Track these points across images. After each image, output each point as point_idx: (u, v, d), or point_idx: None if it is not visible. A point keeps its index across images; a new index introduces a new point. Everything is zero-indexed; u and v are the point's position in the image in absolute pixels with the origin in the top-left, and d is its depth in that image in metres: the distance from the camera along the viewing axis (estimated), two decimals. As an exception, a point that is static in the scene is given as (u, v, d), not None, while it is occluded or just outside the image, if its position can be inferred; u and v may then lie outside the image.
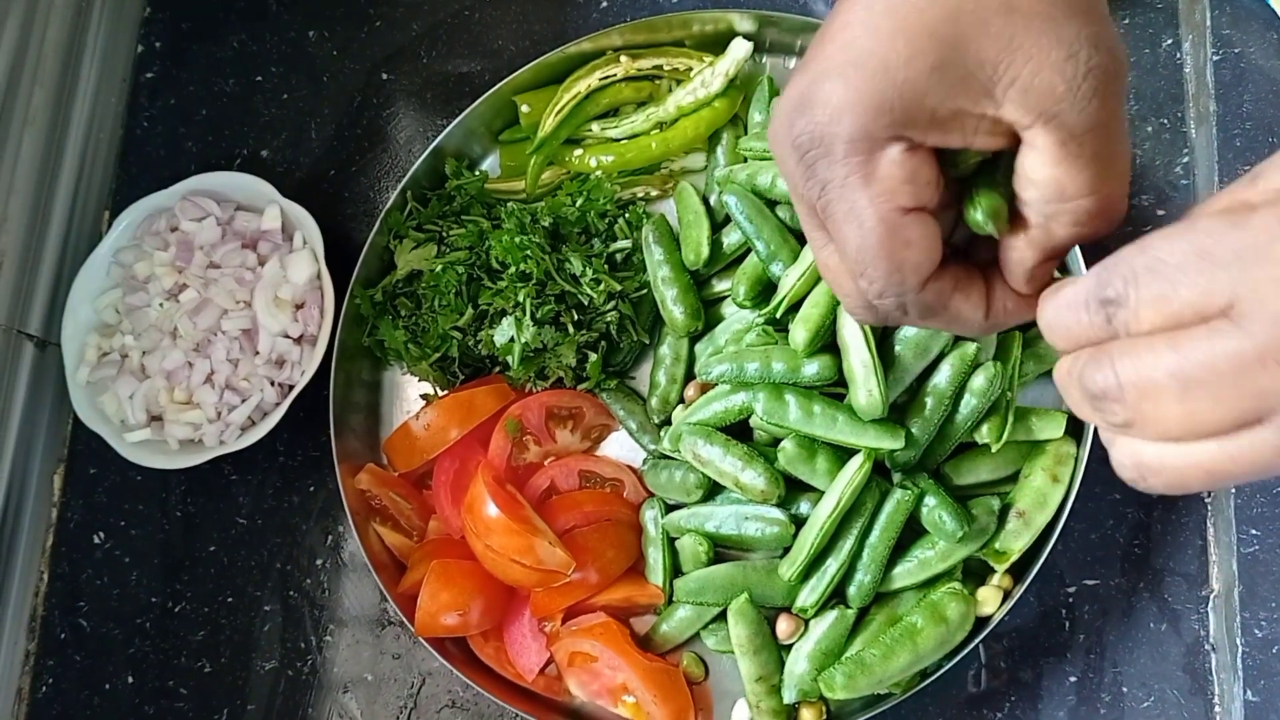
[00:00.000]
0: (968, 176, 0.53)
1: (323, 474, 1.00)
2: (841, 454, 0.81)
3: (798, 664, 0.82)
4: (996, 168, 0.53)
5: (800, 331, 0.80)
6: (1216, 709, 0.83)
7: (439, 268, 0.94)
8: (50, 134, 1.06)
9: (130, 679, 0.99)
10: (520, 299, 0.90)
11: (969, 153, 0.51)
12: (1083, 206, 0.48)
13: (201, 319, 0.98)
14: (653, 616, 0.90)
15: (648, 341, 0.95)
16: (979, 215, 0.52)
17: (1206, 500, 0.87)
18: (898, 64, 0.47)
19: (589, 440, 0.96)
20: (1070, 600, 0.87)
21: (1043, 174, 0.48)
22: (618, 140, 0.99)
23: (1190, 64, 0.95)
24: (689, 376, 0.92)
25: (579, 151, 0.99)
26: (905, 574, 0.82)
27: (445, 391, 0.97)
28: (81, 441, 1.06)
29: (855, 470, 0.79)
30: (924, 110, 0.48)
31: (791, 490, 0.83)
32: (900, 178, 0.49)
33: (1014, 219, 0.52)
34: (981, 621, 0.81)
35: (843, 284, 0.54)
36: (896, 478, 0.82)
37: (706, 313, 0.92)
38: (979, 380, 0.79)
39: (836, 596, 0.83)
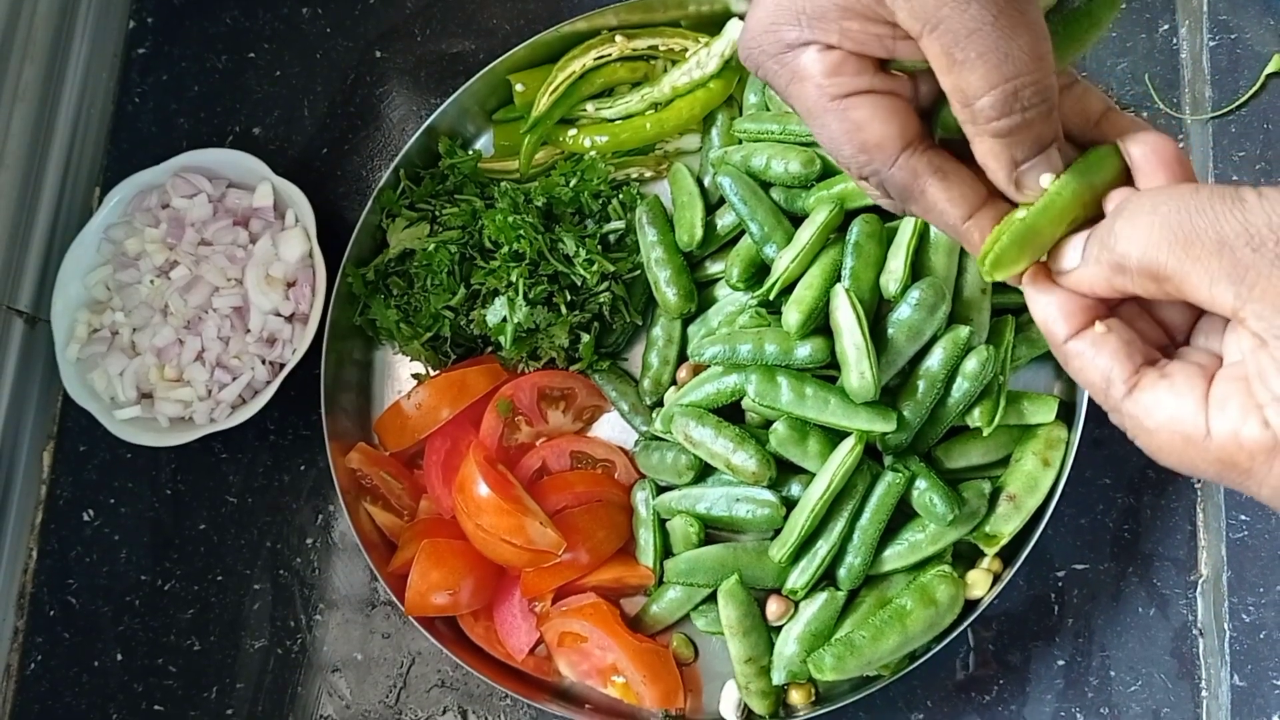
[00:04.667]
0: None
1: (313, 453, 1.00)
2: (833, 436, 0.81)
3: (787, 645, 0.82)
4: None
5: (793, 313, 0.80)
6: (1204, 693, 0.84)
7: (431, 247, 0.93)
8: (41, 109, 1.05)
9: (119, 656, 0.99)
10: (513, 279, 0.90)
11: (900, 61, 0.52)
12: (985, 104, 0.48)
13: (192, 296, 0.97)
14: (643, 597, 0.90)
15: (640, 323, 0.95)
16: (942, 121, 0.54)
17: (1197, 486, 0.87)
18: None
19: (581, 421, 0.96)
20: (1059, 584, 0.87)
21: (946, 83, 0.49)
22: (612, 120, 0.98)
23: (1187, 49, 0.95)
24: (681, 358, 0.92)
25: (573, 131, 0.98)
26: (895, 556, 0.82)
27: (437, 371, 0.97)
28: (71, 418, 1.05)
29: (847, 453, 0.79)
30: (828, 20, 0.51)
31: (783, 472, 0.83)
32: (822, 72, 0.52)
33: None
34: (971, 605, 0.82)
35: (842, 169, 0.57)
36: (888, 460, 0.82)
37: (700, 294, 0.92)
38: (971, 364, 0.79)
39: (826, 578, 0.83)
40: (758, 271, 0.88)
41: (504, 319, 0.90)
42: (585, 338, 0.92)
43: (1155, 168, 0.50)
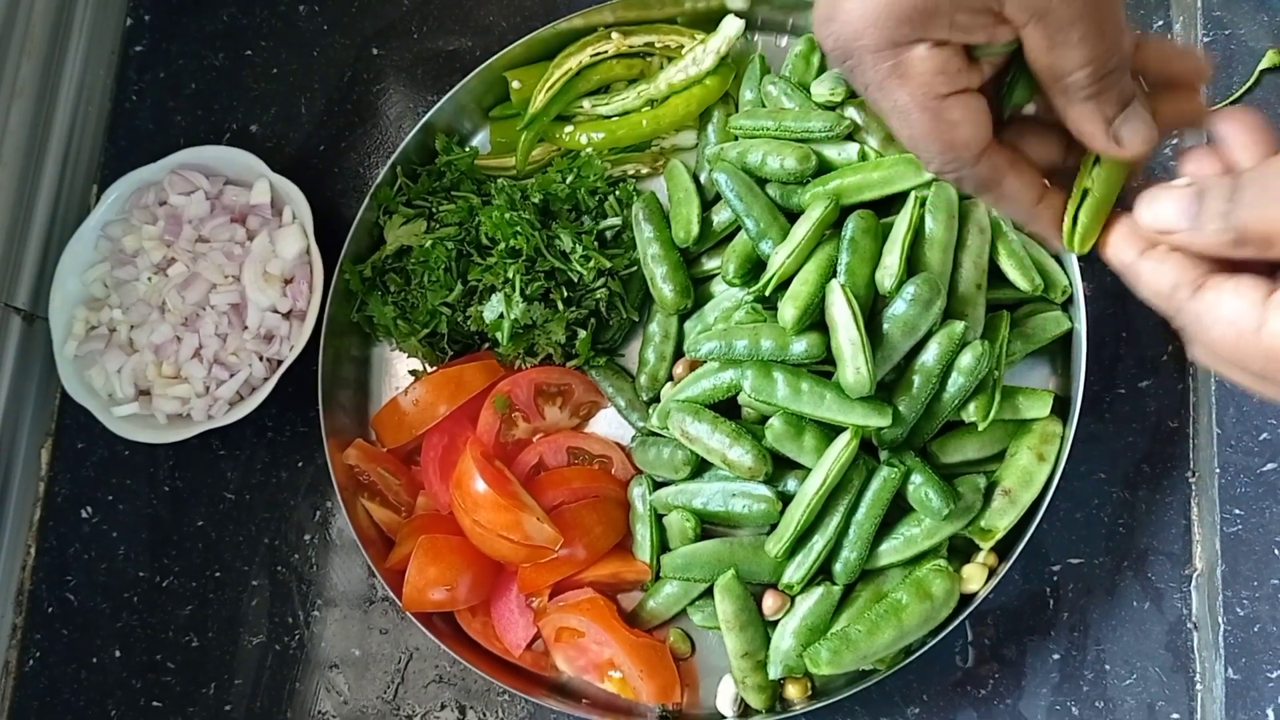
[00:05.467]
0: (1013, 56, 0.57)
1: (311, 449, 1.00)
2: (829, 431, 0.81)
3: (783, 640, 0.82)
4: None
5: (789, 309, 0.80)
6: (1198, 686, 0.84)
7: (428, 243, 0.93)
8: (38, 106, 1.05)
9: (118, 653, 0.99)
10: (510, 275, 0.90)
11: (992, 46, 0.55)
12: (1079, 78, 0.53)
13: (190, 293, 0.98)
14: (640, 593, 0.90)
15: (637, 319, 0.95)
16: (1014, 97, 0.58)
17: (1191, 480, 0.88)
18: None
19: (578, 417, 0.96)
20: (1054, 578, 0.87)
21: (1041, 62, 0.53)
22: (609, 117, 0.98)
23: (1181, 45, 0.95)
24: (678, 354, 0.92)
25: (570, 128, 0.99)
26: (891, 551, 0.82)
27: (434, 367, 0.97)
28: (69, 415, 1.05)
29: (842, 447, 0.79)
30: (941, 15, 0.52)
31: (779, 467, 0.84)
32: (932, 70, 0.53)
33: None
34: (966, 599, 0.82)
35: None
36: (883, 455, 0.83)
37: (696, 290, 0.92)
38: (966, 359, 0.80)
39: (822, 573, 0.83)
40: (753, 267, 0.88)
41: (501, 315, 0.91)
42: (582, 334, 0.92)
43: (1245, 143, 0.54)
